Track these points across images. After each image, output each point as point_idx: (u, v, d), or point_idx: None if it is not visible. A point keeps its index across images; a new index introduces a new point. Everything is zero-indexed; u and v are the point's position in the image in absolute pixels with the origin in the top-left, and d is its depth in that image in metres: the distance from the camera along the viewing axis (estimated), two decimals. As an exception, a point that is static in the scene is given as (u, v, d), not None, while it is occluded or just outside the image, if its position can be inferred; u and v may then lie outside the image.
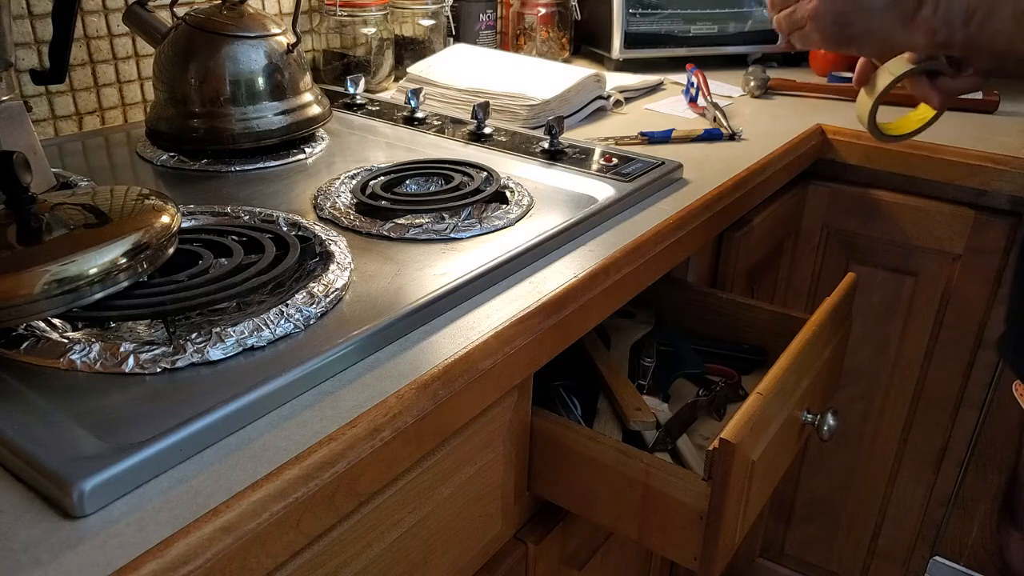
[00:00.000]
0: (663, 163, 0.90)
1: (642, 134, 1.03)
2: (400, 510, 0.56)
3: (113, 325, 0.57)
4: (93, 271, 0.52)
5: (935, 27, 0.62)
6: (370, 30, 1.22)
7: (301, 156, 0.92)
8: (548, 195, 0.82)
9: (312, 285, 0.59)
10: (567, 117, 1.09)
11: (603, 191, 0.82)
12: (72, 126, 0.99)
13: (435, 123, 1.04)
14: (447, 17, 1.32)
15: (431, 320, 0.59)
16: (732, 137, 1.06)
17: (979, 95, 1.22)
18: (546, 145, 0.94)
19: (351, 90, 1.12)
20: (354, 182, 0.82)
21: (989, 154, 1.05)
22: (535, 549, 0.74)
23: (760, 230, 1.07)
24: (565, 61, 1.43)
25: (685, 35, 1.42)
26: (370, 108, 1.11)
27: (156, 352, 0.51)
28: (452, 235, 0.72)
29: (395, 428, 0.50)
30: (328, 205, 0.76)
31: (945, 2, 0.60)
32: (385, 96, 1.21)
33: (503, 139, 0.98)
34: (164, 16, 0.93)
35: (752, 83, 1.29)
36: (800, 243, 1.25)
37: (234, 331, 0.53)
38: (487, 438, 0.64)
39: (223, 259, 0.62)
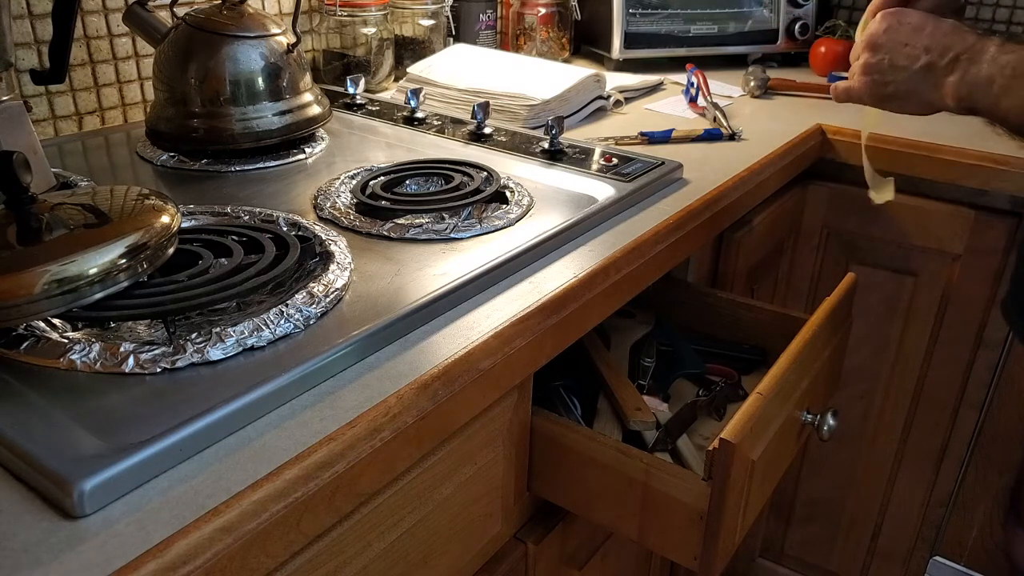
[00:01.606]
0: (663, 163, 0.90)
1: (642, 134, 1.03)
2: (400, 510, 0.56)
3: (113, 325, 0.57)
4: (93, 271, 0.52)
5: (962, 94, 0.68)
6: (370, 30, 1.22)
7: (301, 156, 0.92)
8: (548, 195, 0.82)
9: (312, 285, 0.59)
10: (567, 117, 1.09)
11: (603, 191, 0.82)
12: (72, 126, 0.99)
13: (435, 123, 1.04)
14: (447, 17, 1.32)
15: (431, 320, 0.59)
16: (732, 137, 1.06)
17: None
18: (546, 145, 0.94)
19: (351, 90, 1.12)
20: (354, 182, 0.82)
21: (989, 154, 1.05)
22: (535, 549, 0.74)
23: (760, 230, 1.07)
24: (565, 61, 1.43)
25: (685, 35, 1.42)
26: (370, 108, 1.11)
27: (156, 352, 0.51)
28: (452, 235, 0.72)
29: (395, 428, 0.50)
30: (328, 205, 0.76)
31: (972, 73, 0.66)
32: (385, 96, 1.21)
33: (503, 139, 0.98)
34: (164, 16, 0.93)
35: (752, 83, 1.29)
36: (800, 243, 1.25)
37: (234, 331, 0.53)
38: (487, 438, 0.64)
39: (223, 259, 0.62)
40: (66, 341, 0.52)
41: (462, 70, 1.18)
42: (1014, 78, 0.64)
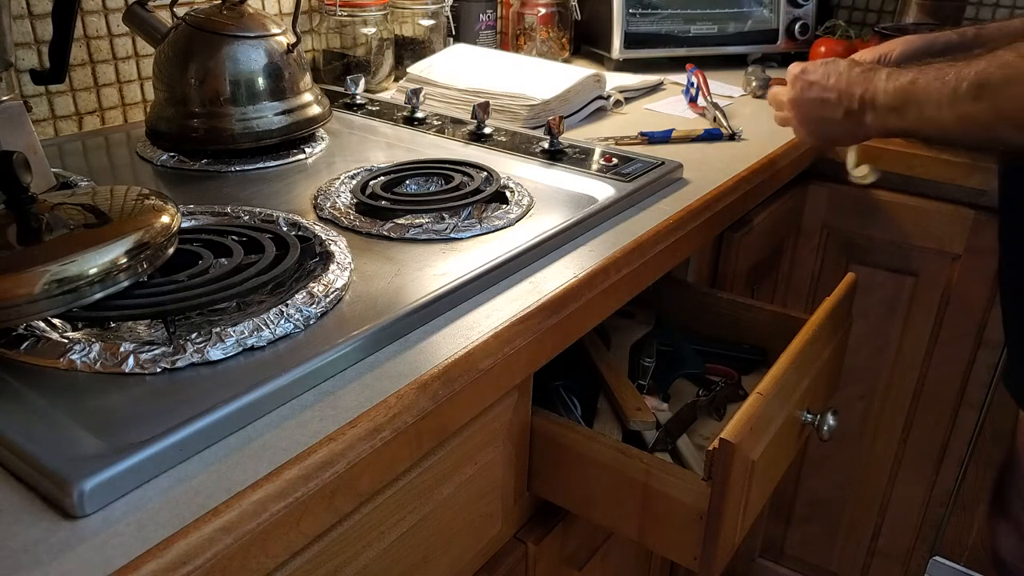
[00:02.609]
0: (663, 163, 0.90)
1: (642, 134, 1.03)
2: (400, 510, 0.56)
3: (113, 325, 0.57)
4: (93, 271, 0.52)
5: (878, 125, 0.76)
6: (370, 30, 1.22)
7: (301, 156, 0.92)
8: (548, 195, 0.82)
9: (312, 285, 0.59)
10: (567, 117, 1.09)
11: (603, 191, 0.82)
12: (72, 126, 0.99)
13: (435, 123, 1.04)
14: (447, 17, 1.32)
15: (431, 320, 0.59)
16: (732, 137, 1.06)
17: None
18: (546, 145, 0.94)
19: (351, 90, 1.12)
20: (354, 182, 0.82)
21: (989, 154, 1.05)
22: (535, 549, 0.74)
23: (760, 230, 1.07)
24: (565, 61, 1.43)
25: (685, 35, 1.42)
26: (370, 108, 1.11)
27: (156, 352, 0.51)
28: (452, 235, 0.72)
29: (395, 428, 0.50)
30: (328, 205, 0.76)
31: (879, 106, 0.75)
32: (385, 96, 1.21)
33: (503, 139, 0.98)
34: (164, 16, 0.93)
35: (754, 83, 1.29)
36: (800, 243, 1.25)
37: (234, 331, 0.53)
38: (487, 438, 0.64)
39: (223, 259, 0.62)
40: (66, 341, 0.52)
41: (462, 70, 1.18)
42: (906, 101, 0.72)
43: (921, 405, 1.24)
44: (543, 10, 1.43)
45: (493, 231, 0.73)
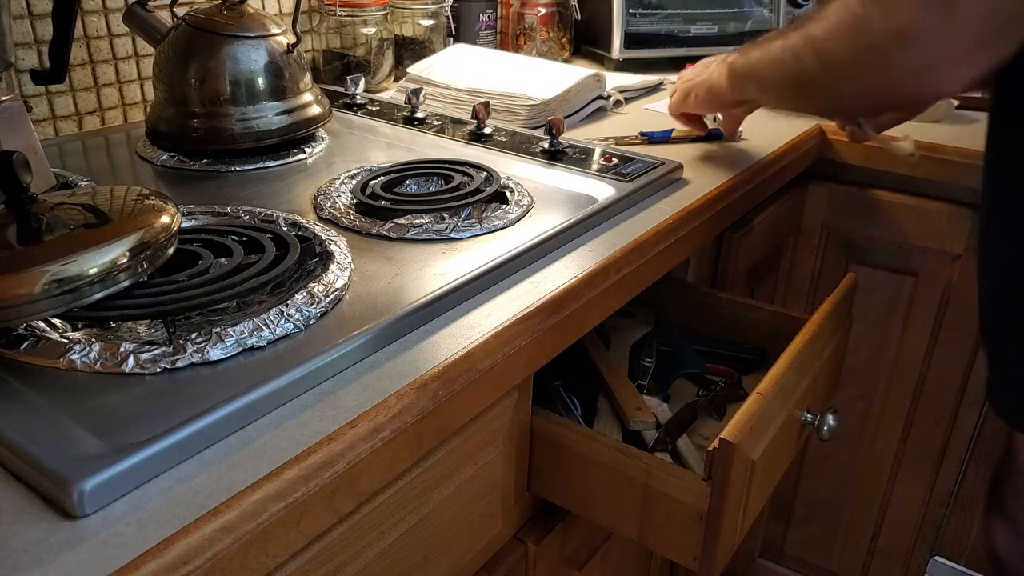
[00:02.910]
0: (663, 163, 0.90)
1: (642, 134, 1.03)
2: (400, 510, 0.56)
3: (113, 325, 0.57)
4: (93, 271, 0.52)
5: (732, 63, 0.86)
6: (370, 30, 1.22)
7: (301, 156, 0.92)
8: (548, 195, 0.82)
9: (312, 285, 0.59)
10: (567, 117, 1.09)
11: (603, 191, 0.82)
12: (72, 126, 0.99)
13: (435, 123, 1.04)
14: (447, 17, 1.32)
15: (431, 320, 0.59)
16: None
17: (979, 94, 1.22)
18: (546, 145, 0.94)
19: (351, 90, 1.12)
20: (354, 182, 0.82)
21: (989, 154, 1.05)
22: (535, 549, 0.74)
23: (760, 230, 1.07)
24: (565, 61, 1.43)
25: (685, 35, 1.42)
26: (370, 108, 1.11)
27: (156, 352, 0.51)
28: (452, 235, 0.72)
29: (395, 428, 0.50)
30: (328, 205, 0.76)
31: (744, 51, 0.84)
32: (385, 96, 1.21)
33: (503, 139, 0.98)
34: (164, 16, 0.93)
35: (752, 83, 1.29)
36: (800, 243, 1.25)
37: (234, 331, 0.53)
38: (487, 438, 0.64)
39: (223, 259, 0.62)
40: (66, 341, 0.52)
41: (462, 70, 1.18)
42: (763, 40, 0.80)
43: (921, 405, 1.24)
44: (543, 10, 1.43)
45: (493, 231, 0.73)
